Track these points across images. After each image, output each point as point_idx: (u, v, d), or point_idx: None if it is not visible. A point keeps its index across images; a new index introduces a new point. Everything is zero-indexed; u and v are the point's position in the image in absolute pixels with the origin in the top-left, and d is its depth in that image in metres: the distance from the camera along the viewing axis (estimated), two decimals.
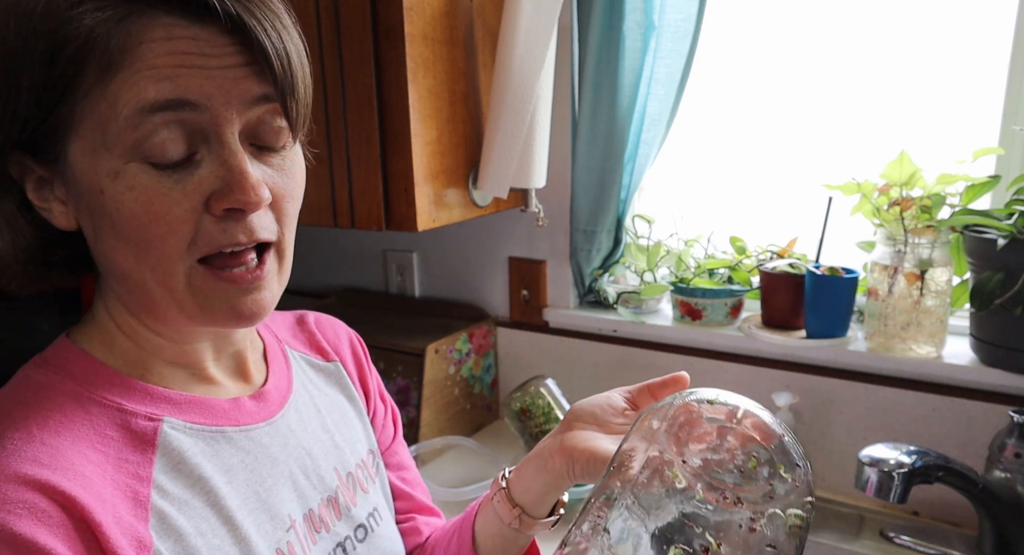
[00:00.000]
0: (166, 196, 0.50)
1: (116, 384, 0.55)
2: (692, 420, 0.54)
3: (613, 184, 1.34)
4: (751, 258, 1.34)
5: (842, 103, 1.27)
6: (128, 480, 0.52)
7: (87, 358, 0.56)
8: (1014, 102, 1.12)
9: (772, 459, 0.53)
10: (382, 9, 1.08)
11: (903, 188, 1.12)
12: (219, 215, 0.52)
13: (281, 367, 0.69)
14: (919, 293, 1.12)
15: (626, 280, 1.46)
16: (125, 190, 0.50)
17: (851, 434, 1.22)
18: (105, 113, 0.49)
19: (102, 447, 0.52)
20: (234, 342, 0.63)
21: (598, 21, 1.26)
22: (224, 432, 0.59)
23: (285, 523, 0.61)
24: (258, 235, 0.54)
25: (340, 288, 1.80)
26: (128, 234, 0.51)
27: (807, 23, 1.27)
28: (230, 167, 0.51)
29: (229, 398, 0.61)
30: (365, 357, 0.81)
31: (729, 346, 1.31)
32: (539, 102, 1.18)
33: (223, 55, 0.50)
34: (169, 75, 0.48)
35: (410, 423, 1.39)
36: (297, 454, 0.65)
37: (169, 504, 0.53)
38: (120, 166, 0.49)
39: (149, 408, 0.55)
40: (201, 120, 0.50)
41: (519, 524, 0.69)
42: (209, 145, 0.51)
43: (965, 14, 1.15)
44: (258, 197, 0.52)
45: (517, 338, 1.54)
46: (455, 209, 1.22)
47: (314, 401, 0.71)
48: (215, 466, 0.57)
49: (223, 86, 0.50)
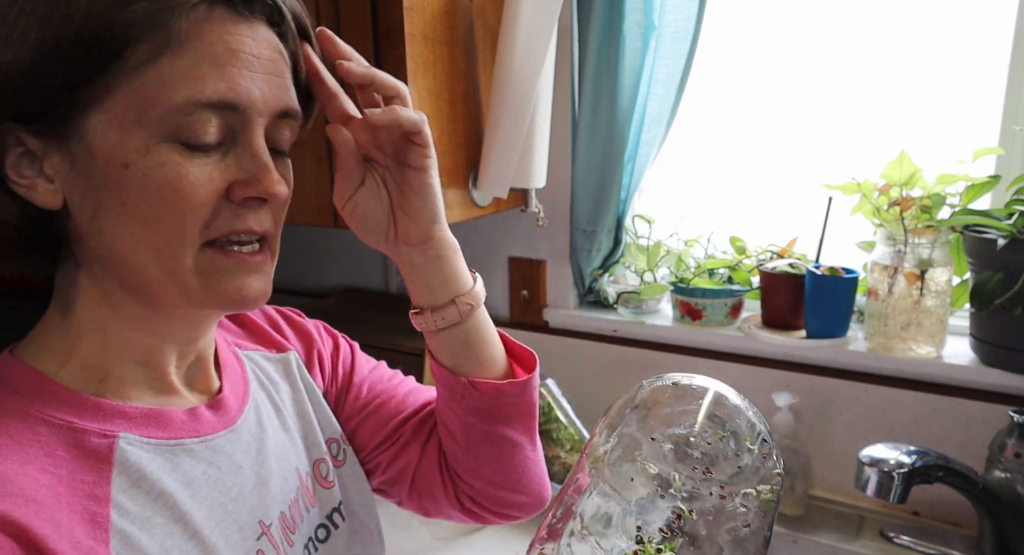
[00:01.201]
0: (195, 176, 0.51)
1: (66, 401, 0.53)
2: (660, 404, 0.55)
3: (613, 184, 1.34)
4: (751, 258, 1.34)
5: (842, 103, 1.27)
6: (84, 501, 0.49)
7: (34, 374, 0.53)
8: (1014, 102, 1.12)
9: (738, 433, 0.54)
10: (382, 9, 1.08)
11: (903, 188, 1.12)
12: (238, 203, 0.53)
13: (235, 370, 0.67)
14: (919, 293, 1.12)
15: (626, 280, 1.46)
16: (155, 165, 0.50)
17: (851, 434, 1.22)
18: (151, 93, 0.49)
19: (53, 469, 0.49)
20: (199, 346, 0.62)
21: (598, 21, 1.26)
22: (183, 444, 0.57)
23: (256, 531, 0.60)
24: (264, 226, 0.56)
25: (340, 288, 1.80)
26: (143, 211, 0.51)
27: (807, 23, 1.27)
28: (258, 161, 0.53)
29: (186, 409, 0.59)
30: (317, 330, 0.78)
31: (729, 346, 1.31)
32: (539, 102, 1.18)
33: (270, 60, 0.53)
34: (226, 75, 0.50)
35: None
36: (261, 458, 0.63)
37: (130, 523, 0.51)
38: (152, 144, 0.50)
39: (103, 425, 0.53)
40: (238, 120, 0.52)
41: (440, 318, 0.68)
42: (236, 139, 0.53)
43: (965, 14, 1.15)
44: (280, 190, 0.54)
45: (517, 338, 1.54)
46: (455, 209, 1.22)
47: (271, 399, 0.69)
48: (177, 480, 0.55)
49: (264, 92, 0.53)
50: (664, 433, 0.53)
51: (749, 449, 0.53)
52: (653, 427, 0.54)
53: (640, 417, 0.55)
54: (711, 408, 0.55)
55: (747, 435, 0.54)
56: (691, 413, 0.55)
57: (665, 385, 0.57)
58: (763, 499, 0.51)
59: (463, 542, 1.18)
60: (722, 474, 0.51)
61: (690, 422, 0.54)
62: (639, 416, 0.55)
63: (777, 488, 0.52)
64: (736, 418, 0.55)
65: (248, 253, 0.55)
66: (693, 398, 0.56)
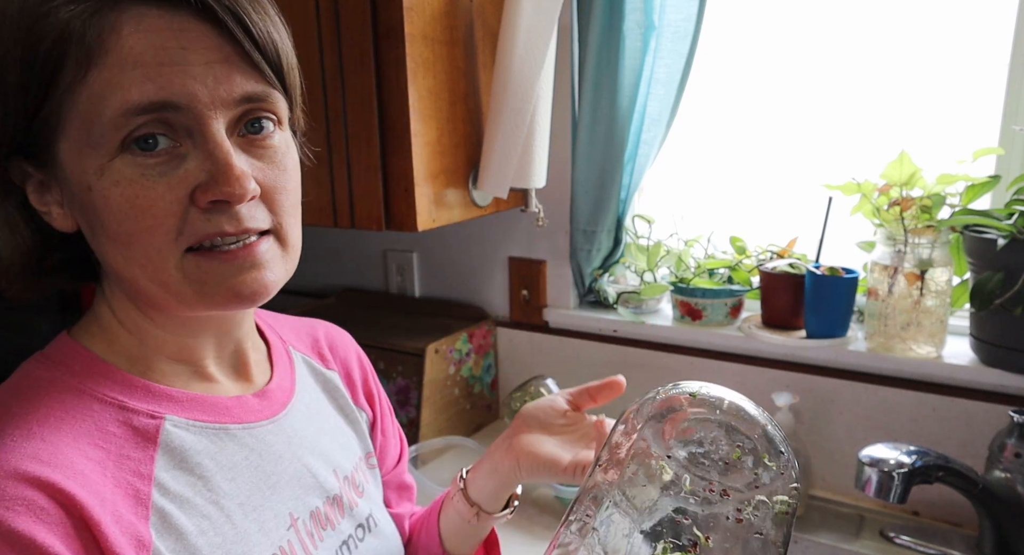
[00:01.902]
0: (151, 189, 0.50)
1: (118, 381, 0.55)
2: (676, 415, 0.55)
3: (613, 184, 1.34)
4: (751, 258, 1.34)
5: (842, 103, 1.27)
6: (129, 477, 0.51)
7: (89, 355, 0.56)
8: (1014, 102, 1.11)
9: (756, 448, 0.53)
10: (382, 9, 1.08)
11: (903, 188, 1.12)
12: (205, 207, 0.51)
13: (285, 368, 0.69)
14: (919, 293, 1.12)
15: (626, 280, 1.46)
16: (111, 185, 0.50)
17: (851, 434, 1.22)
18: (89, 111, 0.49)
19: (103, 444, 0.51)
20: (234, 338, 0.63)
21: (598, 21, 1.26)
22: (227, 429, 0.59)
23: (286, 522, 0.61)
24: (247, 225, 0.53)
25: (340, 288, 1.80)
26: (115, 230, 0.51)
27: (807, 23, 1.27)
28: (215, 159, 0.50)
29: (232, 396, 0.61)
30: (372, 376, 0.82)
31: (729, 346, 1.31)
32: (539, 102, 1.18)
33: (204, 49, 0.50)
34: (152, 75, 0.48)
35: (410, 423, 1.39)
36: (301, 453, 0.65)
37: (170, 502, 0.53)
38: (105, 163, 0.49)
39: (151, 406, 0.55)
40: (185, 119, 0.50)
41: (477, 520, 0.76)
42: (194, 139, 0.51)
43: (965, 14, 1.15)
44: (243, 189, 0.51)
45: (517, 338, 1.54)
46: (455, 209, 1.22)
47: (315, 401, 0.72)
48: (218, 464, 0.57)
49: (207, 84, 0.50)
50: (680, 449, 0.53)
51: (767, 465, 0.53)
52: (667, 443, 0.53)
53: (656, 432, 0.54)
54: (728, 420, 0.55)
55: (764, 449, 0.54)
56: (708, 427, 0.54)
57: (681, 396, 0.57)
58: (777, 510, 0.50)
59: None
60: (738, 489, 0.51)
61: (707, 437, 0.54)
62: (653, 429, 0.54)
63: (795, 502, 0.52)
64: (754, 431, 0.54)
65: (236, 248, 0.53)
66: (709, 411, 0.55)
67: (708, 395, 0.56)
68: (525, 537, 1.18)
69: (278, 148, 0.56)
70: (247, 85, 0.52)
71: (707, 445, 0.53)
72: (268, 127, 0.55)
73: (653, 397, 0.57)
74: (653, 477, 0.51)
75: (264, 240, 0.55)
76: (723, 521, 0.49)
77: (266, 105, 0.54)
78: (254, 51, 0.51)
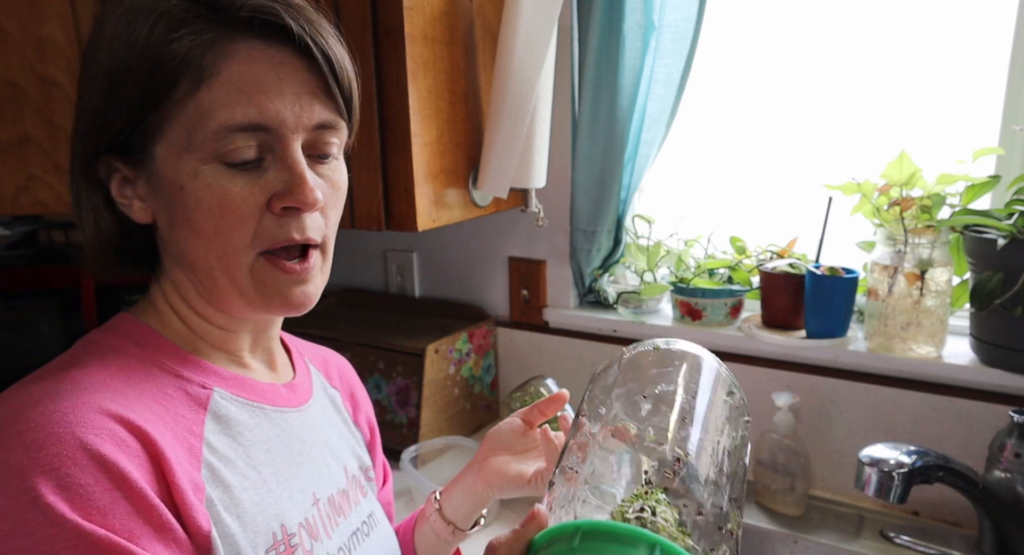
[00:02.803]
0: (238, 193, 0.58)
1: (174, 354, 0.63)
2: (642, 366, 0.63)
3: (613, 184, 1.34)
4: (751, 258, 1.34)
5: (842, 103, 1.27)
6: (184, 433, 0.58)
7: (149, 330, 0.64)
8: (1014, 102, 1.12)
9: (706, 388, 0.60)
10: (382, 9, 1.08)
11: (903, 188, 1.12)
12: (278, 213, 0.59)
13: (304, 372, 0.77)
14: (919, 293, 1.12)
15: (626, 280, 1.46)
16: (203, 187, 0.58)
17: (851, 434, 1.22)
18: (193, 122, 0.57)
19: (163, 402, 0.58)
20: (268, 338, 0.71)
21: (598, 21, 1.26)
22: (263, 409, 0.66)
23: (310, 498, 0.67)
24: (308, 234, 0.61)
25: (340, 288, 1.80)
26: (201, 226, 0.59)
27: (807, 23, 1.27)
28: (293, 172, 0.59)
29: (267, 382, 0.69)
30: (369, 408, 0.90)
31: (729, 346, 1.31)
32: (539, 102, 1.18)
33: (297, 81, 0.59)
34: (254, 101, 0.57)
35: (410, 423, 1.39)
36: (319, 444, 0.72)
37: (217, 459, 0.59)
38: (200, 167, 0.57)
39: (202, 378, 0.63)
40: (272, 138, 0.59)
41: (452, 536, 0.85)
42: (275, 154, 0.59)
43: (965, 14, 1.15)
44: (314, 198, 0.59)
45: (517, 338, 1.54)
46: (455, 209, 1.22)
47: (326, 409, 0.79)
48: (256, 436, 0.64)
49: (294, 111, 0.59)
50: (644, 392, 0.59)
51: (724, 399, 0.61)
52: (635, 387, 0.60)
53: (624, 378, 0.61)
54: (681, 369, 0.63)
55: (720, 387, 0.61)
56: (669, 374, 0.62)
57: (647, 350, 0.65)
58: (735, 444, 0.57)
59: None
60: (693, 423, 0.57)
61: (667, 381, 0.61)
62: (623, 377, 0.61)
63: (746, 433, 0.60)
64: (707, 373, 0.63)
65: (294, 264, 0.62)
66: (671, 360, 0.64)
67: (670, 349, 0.65)
68: None
69: (336, 170, 0.65)
70: (324, 114, 0.61)
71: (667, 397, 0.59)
72: (333, 153, 0.64)
73: (622, 355, 0.64)
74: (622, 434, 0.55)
75: (314, 254, 0.64)
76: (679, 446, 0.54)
77: (334, 133, 0.63)
78: (335, 87, 0.61)
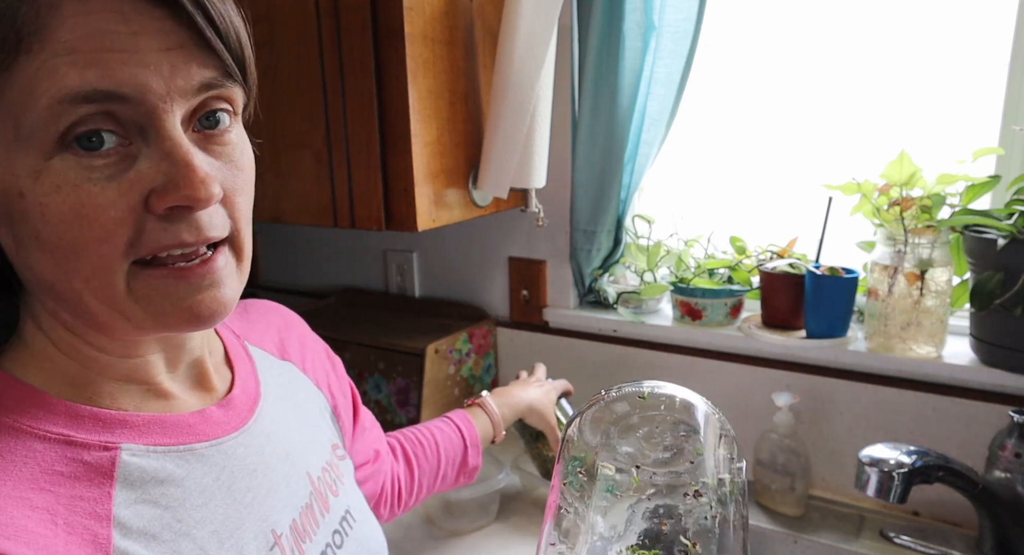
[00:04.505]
0: (99, 195, 0.43)
1: (60, 413, 0.48)
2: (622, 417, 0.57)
3: (613, 184, 1.34)
4: (751, 258, 1.34)
5: (842, 103, 1.27)
6: (84, 520, 0.45)
7: (21, 386, 0.49)
8: (1014, 102, 1.11)
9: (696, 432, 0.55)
10: (382, 9, 1.08)
11: (903, 188, 1.12)
12: (162, 214, 0.45)
13: (246, 367, 0.64)
14: (919, 293, 1.12)
15: (626, 280, 1.46)
16: (50, 191, 0.43)
17: (851, 434, 1.22)
18: (16, 103, 0.42)
19: (51, 488, 0.45)
20: (189, 349, 0.57)
21: (598, 21, 1.26)
22: (193, 450, 0.53)
23: (268, 541, 0.56)
24: (207, 233, 0.48)
25: (340, 288, 1.80)
26: (55, 242, 0.44)
27: (807, 23, 1.27)
28: (174, 160, 0.45)
29: (193, 411, 0.55)
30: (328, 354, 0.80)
31: (729, 346, 1.31)
32: (539, 102, 1.18)
33: (157, 33, 0.43)
34: (94, 60, 0.41)
35: (410, 423, 1.39)
36: (274, 462, 0.60)
37: (133, 542, 0.47)
38: (41, 164, 0.43)
39: (102, 436, 0.49)
40: (135, 113, 0.44)
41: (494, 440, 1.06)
42: (146, 136, 0.45)
43: (965, 14, 1.15)
44: (208, 193, 0.45)
45: (517, 338, 1.54)
46: (455, 209, 1.22)
47: (280, 399, 0.66)
48: (185, 490, 0.51)
49: (161, 73, 0.43)
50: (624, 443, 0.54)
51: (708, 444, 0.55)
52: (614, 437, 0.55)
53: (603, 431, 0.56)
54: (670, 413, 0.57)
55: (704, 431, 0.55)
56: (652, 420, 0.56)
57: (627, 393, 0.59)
58: (724, 492, 0.52)
59: (463, 541, 1.18)
60: (680, 468, 0.52)
61: (653, 430, 0.55)
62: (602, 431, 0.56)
63: (739, 479, 0.53)
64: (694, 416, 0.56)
65: (194, 265, 0.48)
66: (654, 404, 0.57)
67: (655, 394, 0.58)
68: (525, 537, 1.18)
69: (236, 144, 0.50)
70: (206, 73, 0.46)
71: (654, 439, 0.54)
72: (225, 121, 0.49)
73: (600, 401, 0.58)
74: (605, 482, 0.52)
75: (220, 253, 0.50)
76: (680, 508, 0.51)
77: (224, 93, 0.48)
78: (215, 38, 0.46)
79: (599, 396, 0.58)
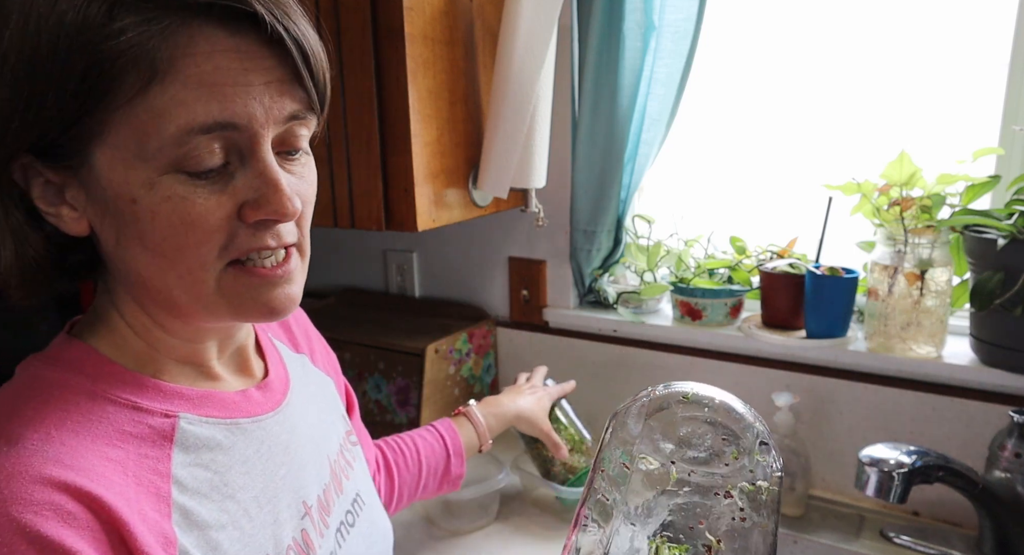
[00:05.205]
0: (202, 205, 0.51)
1: (129, 382, 0.56)
2: (663, 413, 0.60)
3: (613, 184, 1.34)
4: (751, 258, 1.34)
5: (842, 103, 1.27)
6: (149, 476, 0.52)
7: (98, 356, 0.56)
8: (1014, 102, 1.12)
9: (739, 439, 0.57)
10: (382, 9, 1.08)
11: (903, 188, 1.11)
12: (251, 224, 0.54)
13: (274, 357, 0.72)
14: (919, 293, 1.12)
15: (626, 280, 1.46)
16: (161, 201, 0.50)
17: (851, 434, 1.22)
18: (145, 125, 0.49)
19: (121, 444, 0.52)
20: (237, 339, 0.66)
21: (598, 21, 1.26)
22: (239, 424, 0.60)
23: (300, 510, 0.63)
24: (286, 240, 0.56)
25: (340, 288, 1.80)
26: (159, 244, 0.52)
27: (807, 23, 1.27)
28: (266, 180, 0.53)
29: (237, 391, 0.63)
30: (319, 338, 0.86)
31: (729, 346, 1.31)
32: (539, 102, 1.18)
33: (263, 70, 0.51)
34: (217, 94, 0.49)
35: (410, 423, 1.39)
36: (303, 441, 0.67)
37: (189, 499, 0.54)
38: (156, 177, 0.50)
39: (164, 405, 0.56)
40: (241, 138, 0.52)
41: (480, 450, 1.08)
42: (242, 156, 0.53)
43: (965, 14, 1.15)
44: (293, 209, 0.54)
45: (517, 338, 1.54)
46: (455, 209, 1.22)
47: (302, 386, 0.73)
48: (232, 458, 0.58)
49: (263, 104, 0.51)
50: (667, 442, 0.56)
51: (747, 450, 0.56)
52: (657, 432, 0.57)
53: (645, 428, 0.58)
54: (715, 416, 0.59)
55: (748, 439, 0.57)
56: (695, 421, 0.58)
57: (672, 395, 0.61)
58: (760, 498, 0.53)
59: (463, 541, 1.18)
60: (720, 471, 0.54)
61: (695, 431, 0.57)
62: (645, 424, 0.58)
63: (778, 488, 0.55)
64: (737, 422, 0.58)
65: (271, 267, 0.56)
66: (698, 407, 0.59)
67: (699, 395, 0.60)
68: (525, 537, 1.18)
69: (307, 164, 0.59)
70: (294, 106, 0.54)
71: (695, 440, 0.56)
72: (303, 149, 0.58)
73: (645, 397, 0.61)
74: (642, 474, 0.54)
75: (292, 255, 0.58)
76: (718, 506, 0.51)
77: (305, 126, 0.56)
78: (307, 76, 0.54)
79: (644, 392, 0.61)
